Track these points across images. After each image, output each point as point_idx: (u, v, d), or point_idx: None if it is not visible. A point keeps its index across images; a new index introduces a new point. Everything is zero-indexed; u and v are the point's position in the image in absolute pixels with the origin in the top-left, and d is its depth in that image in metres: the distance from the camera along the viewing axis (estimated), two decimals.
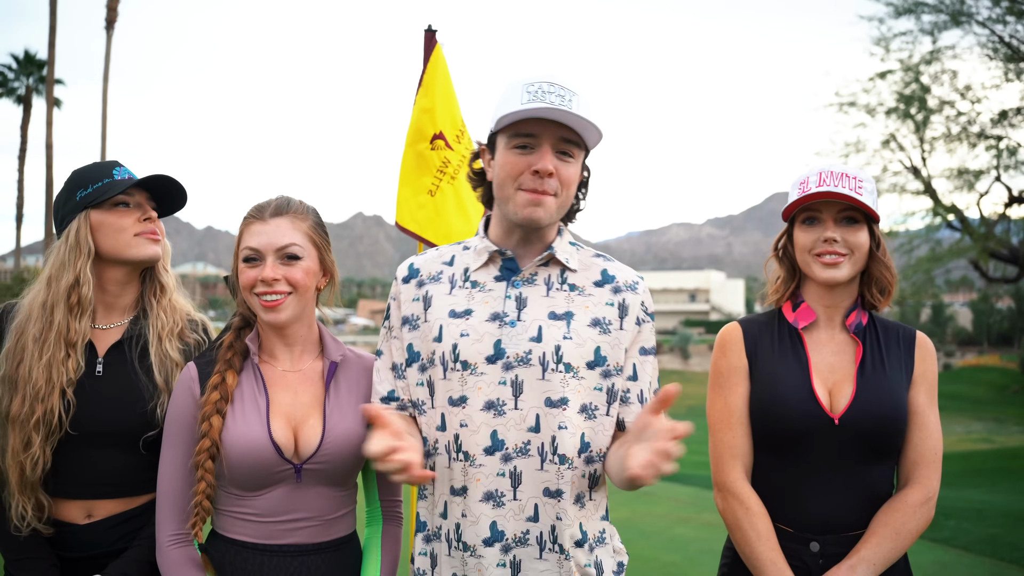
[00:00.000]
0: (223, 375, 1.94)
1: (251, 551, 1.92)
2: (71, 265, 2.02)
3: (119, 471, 2.06)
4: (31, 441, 1.95)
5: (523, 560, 1.85)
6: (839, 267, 2.08)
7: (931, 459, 2.07)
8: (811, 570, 2.03)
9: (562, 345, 1.87)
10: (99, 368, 2.07)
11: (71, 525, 2.03)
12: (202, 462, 1.89)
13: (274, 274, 1.92)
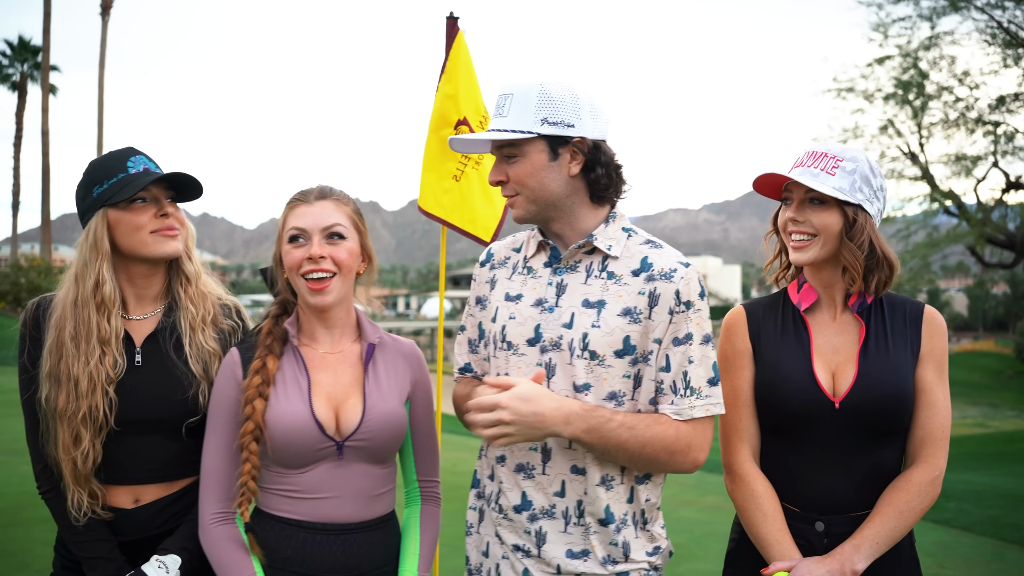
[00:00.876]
0: (264, 360, 1.99)
1: (294, 528, 1.98)
2: (92, 265, 2.06)
3: (163, 457, 2.11)
4: (80, 436, 2.00)
5: (548, 532, 1.96)
6: (804, 250, 2.08)
7: (938, 437, 2.04)
8: (816, 549, 2.03)
9: (589, 333, 1.93)
10: (138, 358, 2.11)
11: (120, 510, 2.09)
12: (247, 444, 1.94)
13: (320, 251, 1.98)
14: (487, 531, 2.09)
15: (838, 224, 2.06)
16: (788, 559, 2.00)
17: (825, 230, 2.06)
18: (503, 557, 2.03)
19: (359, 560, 2.00)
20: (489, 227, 3.63)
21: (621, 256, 1.99)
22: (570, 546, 1.95)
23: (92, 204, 2.08)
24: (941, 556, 6.04)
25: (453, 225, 3.62)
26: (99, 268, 2.05)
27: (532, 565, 1.98)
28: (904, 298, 2.16)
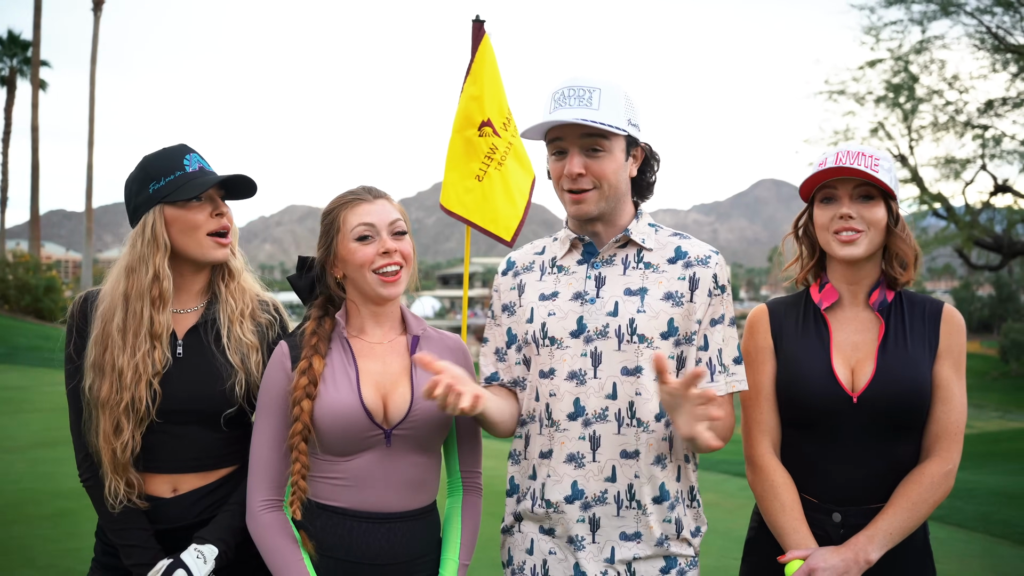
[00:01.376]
0: (310, 360, 2.03)
1: (340, 516, 2.03)
2: (150, 259, 2.09)
3: (201, 447, 2.15)
4: (121, 426, 2.04)
5: (602, 517, 2.03)
6: (856, 244, 2.14)
7: (953, 432, 2.10)
8: (832, 539, 2.09)
9: (636, 318, 2.04)
10: (179, 351, 2.15)
11: (158, 499, 2.13)
12: (296, 444, 1.99)
13: (392, 246, 2.05)
14: (530, 529, 2.13)
15: (885, 218, 2.15)
16: (804, 548, 2.06)
17: (875, 224, 2.14)
18: (550, 553, 2.08)
19: (402, 549, 2.05)
20: (510, 227, 3.67)
21: (655, 248, 2.12)
22: (623, 529, 2.03)
23: (148, 200, 2.12)
24: (935, 552, 6.16)
25: (475, 224, 3.67)
26: (158, 262, 2.09)
27: (583, 556, 2.03)
28: (923, 296, 2.23)
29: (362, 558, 2.02)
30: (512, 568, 2.17)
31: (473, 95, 3.66)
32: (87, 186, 30.60)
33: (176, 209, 2.11)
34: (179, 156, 2.15)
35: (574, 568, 2.04)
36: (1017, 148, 17.57)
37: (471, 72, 3.68)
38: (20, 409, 11.50)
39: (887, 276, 2.22)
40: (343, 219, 2.08)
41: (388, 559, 2.03)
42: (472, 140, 3.68)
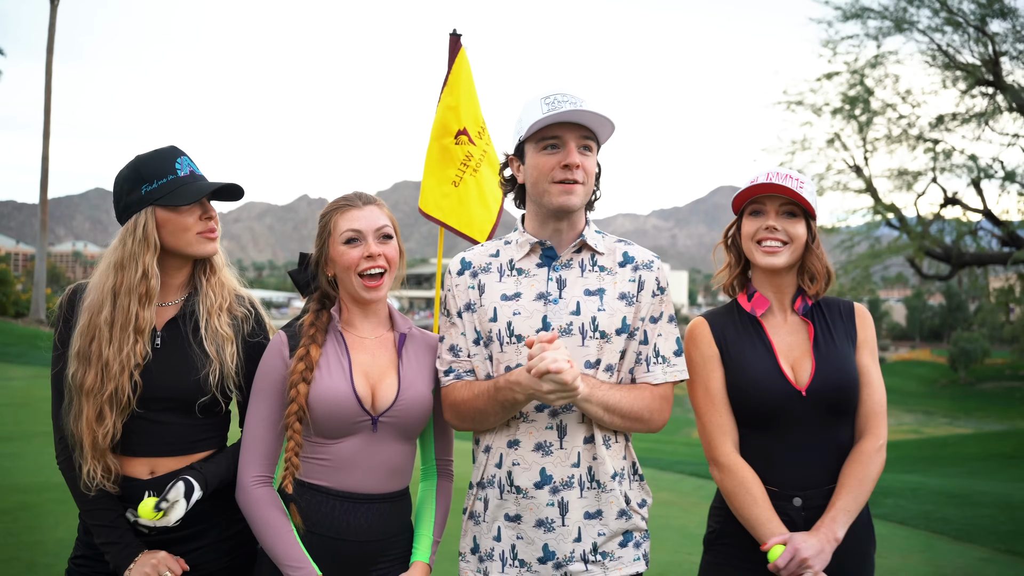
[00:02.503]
0: (307, 348, 2.19)
1: (324, 495, 2.18)
2: (140, 258, 2.18)
3: (177, 432, 2.25)
4: (103, 414, 2.14)
5: (570, 500, 2.19)
6: (778, 255, 2.36)
7: (878, 411, 2.36)
8: (796, 523, 2.28)
9: (597, 316, 2.22)
10: (158, 342, 2.25)
11: (136, 480, 2.22)
12: (291, 423, 2.14)
13: (377, 250, 2.21)
14: (496, 515, 2.26)
15: (805, 234, 2.38)
16: (780, 535, 2.24)
17: (797, 238, 2.37)
18: (518, 538, 2.22)
19: (379, 528, 2.22)
20: (484, 230, 3.86)
21: (605, 252, 2.32)
22: (586, 508, 2.21)
23: (140, 200, 2.21)
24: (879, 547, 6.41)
25: (450, 227, 3.84)
26: (147, 261, 2.19)
27: (552, 538, 2.18)
28: (835, 299, 2.49)
29: (343, 534, 2.18)
30: (480, 555, 2.29)
31: (450, 105, 3.84)
32: (42, 178, 29.97)
33: (168, 212, 2.21)
34: (171, 159, 2.25)
35: (543, 549, 2.19)
36: (966, 162, 18.11)
37: (448, 83, 3.86)
38: None
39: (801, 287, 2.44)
40: (334, 223, 2.24)
41: (366, 536, 2.20)
42: (449, 148, 3.86)
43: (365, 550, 2.20)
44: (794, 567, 2.16)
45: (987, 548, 6.53)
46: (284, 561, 2.12)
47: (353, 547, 2.19)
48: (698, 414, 2.43)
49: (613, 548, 2.23)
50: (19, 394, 12.49)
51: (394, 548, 2.27)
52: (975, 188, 18.33)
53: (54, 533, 5.60)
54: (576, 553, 2.19)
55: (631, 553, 2.27)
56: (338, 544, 2.18)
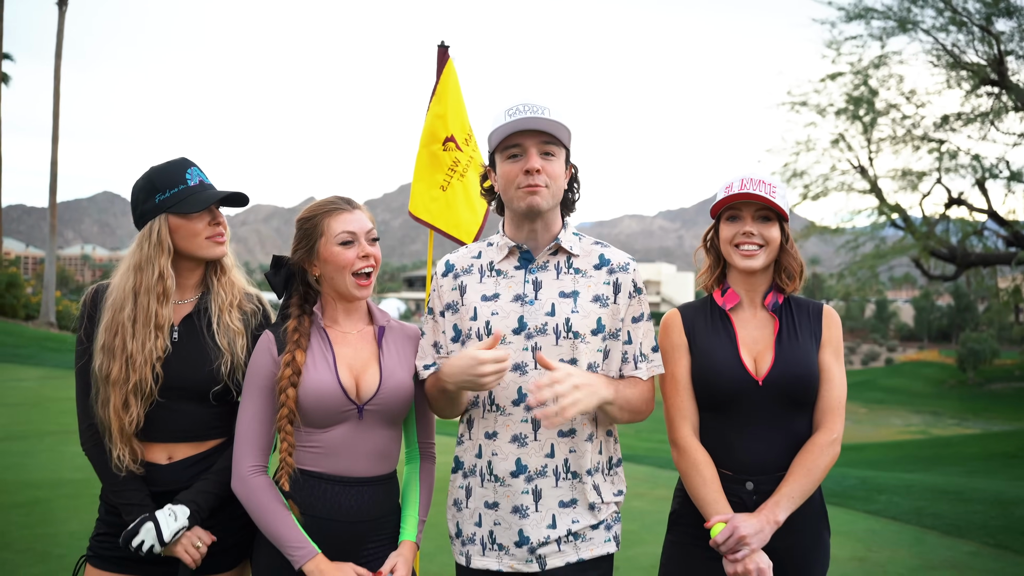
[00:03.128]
0: (293, 354, 2.34)
1: (316, 480, 2.34)
2: (155, 260, 2.40)
3: (193, 420, 2.44)
4: (129, 402, 2.34)
5: (543, 488, 2.34)
6: (755, 258, 2.49)
7: (835, 407, 2.47)
8: (747, 505, 2.42)
9: (571, 318, 2.36)
10: (175, 336, 2.44)
11: (155, 465, 2.42)
12: (283, 426, 2.30)
13: (370, 251, 2.38)
14: (477, 503, 2.40)
15: (779, 236, 2.53)
16: (724, 514, 2.38)
17: (772, 241, 2.52)
18: (496, 523, 2.37)
19: (369, 509, 2.37)
20: (471, 231, 4.05)
21: (581, 254, 2.45)
22: (561, 497, 2.35)
23: (154, 208, 2.42)
24: (869, 541, 6.55)
25: (439, 229, 4.03)
26: (163, 264, 2.41)
27: (527, 524, 2.34)
28: (807, 299, 2.63)
29: (334, 515, 2.33)
30: (462, 539, 2.44)
31: (438, 113, 4.02)
32: (51, 182, 30.26)
33: (179, 218, 2.42)
34: (182, 170, 2.46)
35: (519, 534, 2.34)
36: (971, 162, 18.11)
37: (436, 92, 4.05)
38: None
39: (777, 285, 2.60)
40: (326, 225, 2.39)
41: (356, 517, 2.35)
42: (437, 154, 4.03)
43: (356, 530, 2.35)
44: (732, 543, 2.30)
45: (976, 542, 6.63)
46: (285, 543, 2.27)
47: (345, 527, 2.34)
48: (664, 398, 2.59)
49: (584, 530, 2.38)
50: (30, 394, 12.70)
51: (384, 528, 2.42)
52: (980, 188, 18.31)
53: (66, 526, 5.78)
54: (551, 538, 2.34)
55: (602, 535, 2.41)
56: (331, 524, 2.33)
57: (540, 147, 2.34)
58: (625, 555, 5.81)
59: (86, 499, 6.47)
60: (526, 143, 2.33)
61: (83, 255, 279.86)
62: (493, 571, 2.38)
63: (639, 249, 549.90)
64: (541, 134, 2.33)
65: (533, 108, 2.33)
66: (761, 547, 2.31)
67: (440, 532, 5.02)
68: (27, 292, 28.97)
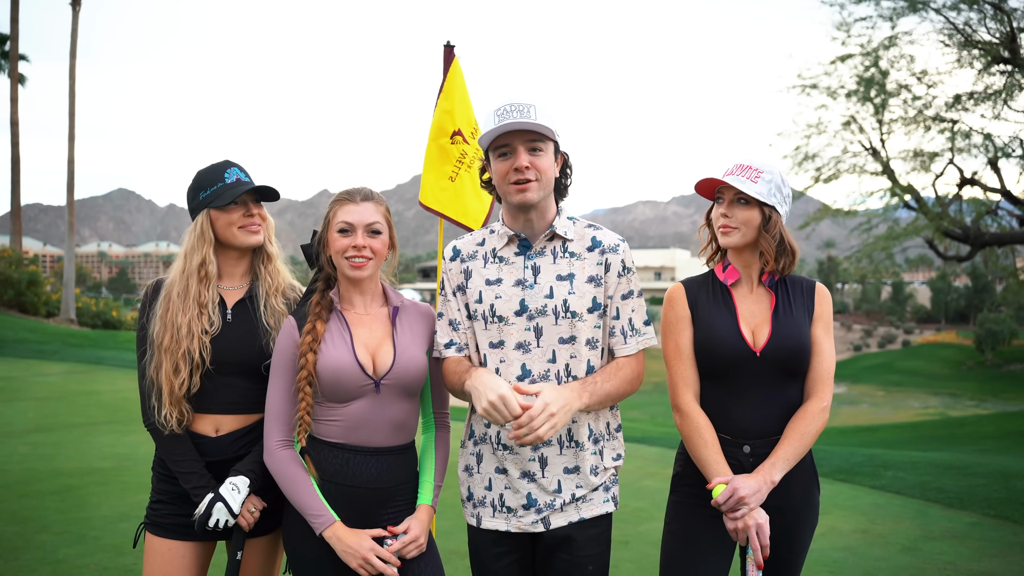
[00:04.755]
0: (314, 323, 2.57)
1: (339, 450, 2.56)
2: (199, 249, 2.73)
3: (241, 392, 2.71)
4: (179, 368, 2.62)
5: (548, 456, 2.55)
6: (729, 235, 2.69)
7: (825, 377, 2.67)
8: (745, 467, 2.62)
9: (568, 299, 2.56)
10: (229, 317, 2.74)
11: (204, 437, 2.69)
12: (302, 387, 2.52)
13: (363, 242, 2.56)
14: (487, 469, 2.61)
15: (757, 219, 2.70)
16: (725, 475, 2.58)
17: (747, 223, 2.69)
18: (506, 487, 2.58)
19: (388, 477, 2.58)
20: (478, 219, 4.27)
21: (575, 239, 2.64)
22: (565, 464, 2.56)
23: (199, 204, 2.76)
24: (873, 515, 6.69)
25: (449, 217, 4.25)
26: (205, 251, 2.74)
27: (534, 488, 2.55)
28: (801, 277, 2.81)
29: (355, 482, 2.54)
30: (474, 502, 2.65)
31: (445, 109, 4.25)
32: (68, 181, 30.57)
33: (218, 212, 2.75)
34: (222, 170, 2.78)
35: (527, 497, 2.55)
36: (983, 142, 18.02)
37: (443, 89, 4.27)
38: (14, 398, 11.84)
39: None
40: (333, 212, 2.62)
41: (376, 484, 2.57)
42: (445, 147, 4.26)
43: (376, 496, 2.56)
44: (732, 503, 2.51)
45: (978, 514, 6.76)
46: (307, 511, 2.49)
47: (365, 493, 2.55)
48: (667, 366, 2.77)
49: (586, 493, 2.58)
50: (56, 388, 13.00)
51: (402, 495, 2.63)
52: (993, 168, 18.22)
53: (98, 511, 6.04)
54: (555, 502, 2.55)
55: (601, 496, 2.62)
56: (352, 491, 2.54)
57: (527, 145, 2.51)
58: (636, 530, 6.00)
59: (115, 486, 6.78)
60: (514, 143, 2.52)
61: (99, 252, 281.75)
62: (502, 531, 2.60)
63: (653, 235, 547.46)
64: (527, 132, 2.50)
65: (520, 108, 2.49)
66: (759, 505, 2.51)
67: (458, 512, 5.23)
68: (47, 290, 29.37)
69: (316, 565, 2.53)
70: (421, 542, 2.57)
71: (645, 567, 5.21)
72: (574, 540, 2.56)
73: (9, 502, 6.26)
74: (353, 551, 2.45)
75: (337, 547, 2.46)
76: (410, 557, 2.54)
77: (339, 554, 2.47)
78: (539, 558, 2.62)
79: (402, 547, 2.52)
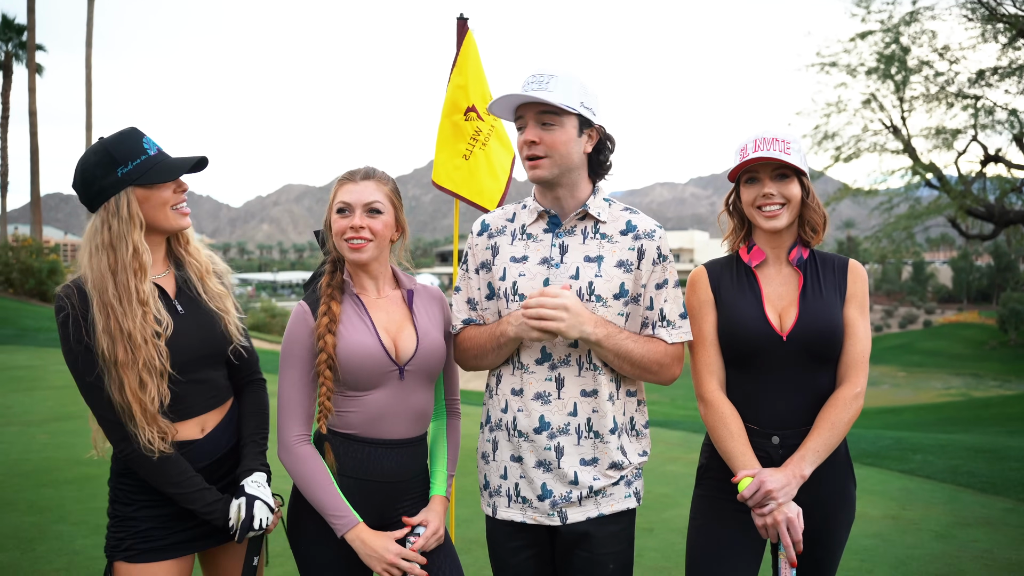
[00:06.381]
0: (328, 304, 2.41)
1: (358, 443, 2.41)
2: (128, 236, 2.30)
3: (213, 384, 2.48)
4: (144, 381, 2.27)
5: (565, 446, 2.42)
6: (778, 218, 2.52)
7: (859, 361, 2.50)
8: (773, 459, 2.47)
9: (594, 282, 2.42)
10: (179, 308, 2.43)
11: (192, 441, 2.41)
12: (322, 371, 2.35)
13: (361, 223, 2.41)
14: (503, 457, 2.49)
15: (799, 192, 2.54)
16: (752, 468, 2.44)
17: (792, 198, 2.53)
18: (521, 477, 2.46)
19: (407, 469, 2.47)
20: (494, 199, 4.10)
21: (608, 220, 2.49)
22: (583, 455, 2.43)
23: (117, 182, 2.31)
24: (903, 500, 6.55)
25: (463, 197, 4.08)
26: (136, 238, 2.32)
27: (550, 479, 2.42)
28: (832, 254, 2.64)
29: (374, 476, 2.42)
30: (489, 491, 2.54)
31: (459, 84, 4.07)
32: None
33: (146, 190, 2.34)
34: (138, 140, 2.36)
35: (542, 488, 2.43)
36: (1008, 118, 17.69)
37: (456, 64, 4.10)
38: (34, 387, 11.86)
39: (802, 239, 2.62)
40: (334, 192, 2.48)
41: (395, 477, 2.45)
42: (459, 124, 4.08)
43: (395, 490, 2.45)
44: (759, 498, 2.36)
45: (1012, 499, 6.60)
46: (329, 511, 2.35)
47: (384, 487, 2.43)
48: (691, 353, 2.62)
49: (605, 487, 2.45)
50: None
51: (416, 486, 2.52)
52: (1018, 144, 17.89)
53: None
54: (572, 494, 2.42)
55: (622, 491, 2.48)
56: (369, 485, 2.42)
57: (537, 118, 2.37)
58: (660, 517, 5.89)
59: None
60: (526, 115, 2.39)
61: None
62: (517, 522, 2.48)
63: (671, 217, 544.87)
64: (538, 105, 2.36)
65: (539, 79, 2.35)
66: (788, 500, 2.37)
67: (475, 500, 5.15)
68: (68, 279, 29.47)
69: (333, 569, 2.42)
70: (440, 533, 2.47)
71: (670, 555, 5.10)
72: (593, 537, 2.44)
73: (28, 491, 6.23)
74: (379, 555, 2.33)
75: (361, 551, 2.34)
76: (430, 549, 2.44)
77: (363, 558, 2.35)
78: (558, 554, 2.51)
79: (424, 543, 2.42)
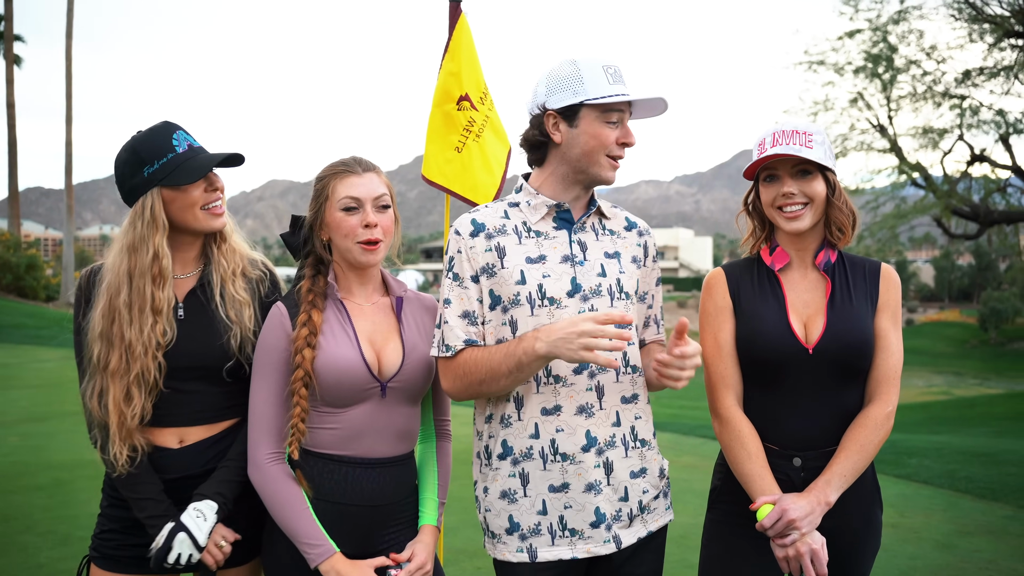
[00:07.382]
0: (309, 313, 2.17)
1: (336, 463, 2.18)
2: (150, 240, 2.18)
3: (205, 400, 2.26)
4: (131, 394, 2.14)
5: (614, 460, 2.19)
6: (800, 218, 2.28)
7: (891, 376, 2.28)
8: (794, 483, 2.25)
9: (620, 278, 2.25)
10: (180, 313, 2.26)
11: (166, 450, 2.23)
12: (297, 389, 2.12)
13: (375, 219, 2.18)
14: (539, 490, 2.15)
15: (824, 190, 2.31)
16: (770, 493, 2.22)
17: (816, 196, 2.30)
18: (566, 507, 2.15)
19: (390, 491, 2.24)
20: (488, 195, 3.81)
21: (611, 216, 2.34)
22: (631, 468, 2.22)
23: (144, 183, 2.19)
24: (902, 506, 6.41)
25: (455, 193, 3.82)
26: (157, 242, 2.19)
27: (602, 501, 2.16)
28: (863, 258, 2.42)
29: (354, 500, 2.19)
30: (521, 533, 2.18)
31: (451, 71, 3.79)
32: (66, 163, 30.28)
33: (172, 191, 2.20)
34: (167, 136, 2.22)
35: (595, 513, 2.15)
36: (994, 118, 17.76)
37: (449, 50, 3.82)
38: (8, 385, 11.59)
39: (828, 241, 2.39)
40: (332, 188, 2.21)
41: (378, 500, 2.21)
42: (451, 114, 3.80)
43: (376, 515, 2.22)
44: (780, 527, 2.15)
45: (1012, 506, 6.49)
46: (302, 539, 2.12)
47: (364, 512, 2.20)
48: (705, 364, 2.37)
49: (650, 502, 2.26)
50: (52, 375, 12.74)
51: (404, 512, 2.29)
52: (1004, 144, 17.99)
53: (87, 508, 5.75)
54: (623, 513, 2.19)
55: (663, 503, 2.31)
56: (349, 510, 2.19)
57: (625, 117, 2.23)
58: None
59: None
60: (626, 113, 2.21)
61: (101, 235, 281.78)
62: (567, 560, 2.17)
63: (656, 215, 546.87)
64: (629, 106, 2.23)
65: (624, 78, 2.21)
66: (812, 529, 2.16)
67: (464, 507, 4.95)
68: (47, 274, 29.15)
69: None
70: (427, 569, 2.23)
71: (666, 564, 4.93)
72: (639, 558, 2.25)
73: None
74: None
75: None
76: None
77: None
78: None
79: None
